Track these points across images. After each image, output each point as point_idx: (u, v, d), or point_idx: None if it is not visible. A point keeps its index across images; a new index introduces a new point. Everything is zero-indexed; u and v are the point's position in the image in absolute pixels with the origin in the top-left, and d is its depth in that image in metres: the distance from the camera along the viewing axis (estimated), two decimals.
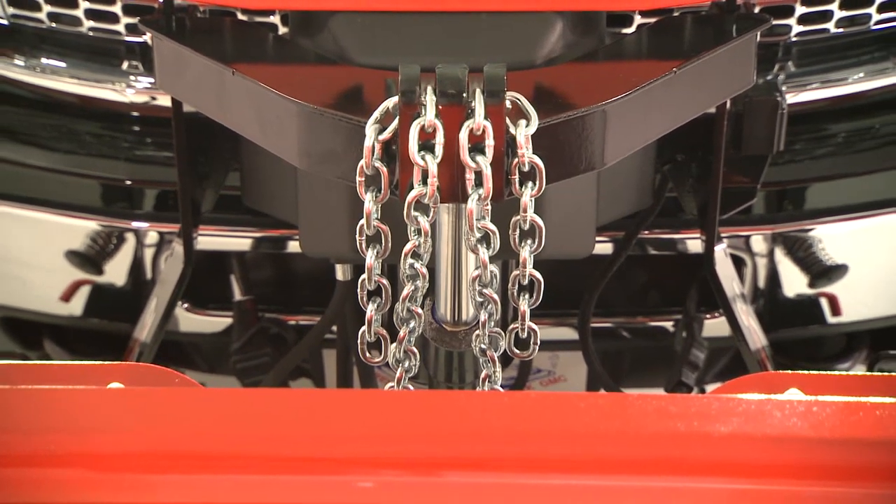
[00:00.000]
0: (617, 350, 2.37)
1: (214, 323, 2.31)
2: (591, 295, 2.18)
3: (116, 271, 2.21)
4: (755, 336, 2.13)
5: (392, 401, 1.45)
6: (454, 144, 1.59)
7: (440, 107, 1.59)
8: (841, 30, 2.09)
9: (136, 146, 2.17)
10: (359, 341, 1.73)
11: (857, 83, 2.13)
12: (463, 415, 1.36)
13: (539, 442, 1.31)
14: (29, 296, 2.27)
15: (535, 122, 1.61)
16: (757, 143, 2.00)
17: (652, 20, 1.96)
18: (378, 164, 1.62)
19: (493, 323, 1.74)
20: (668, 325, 2.31)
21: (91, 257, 2.19)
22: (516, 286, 1.69)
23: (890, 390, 1.52)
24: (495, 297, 1.70)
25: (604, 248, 2.15)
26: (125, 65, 2.13)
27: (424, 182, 1.59)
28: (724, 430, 1.28)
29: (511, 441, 1.31)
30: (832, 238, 2.17)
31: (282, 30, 1.97)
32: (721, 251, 2.12)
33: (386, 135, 1.61)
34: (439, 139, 1.58)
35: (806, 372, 1.66)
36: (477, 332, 1.76)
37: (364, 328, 1.72)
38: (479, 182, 1.60)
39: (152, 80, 2.08)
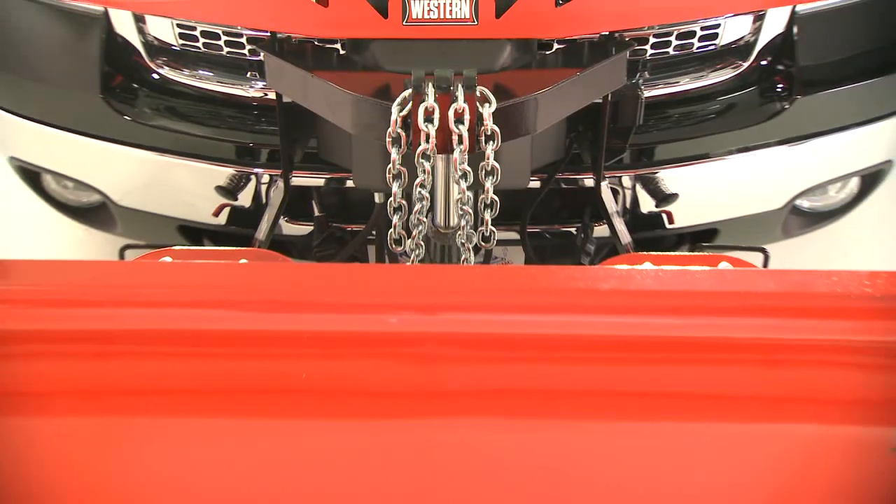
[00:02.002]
0: (542, 245, 2.36)
1: (302, 229, 2.29)
2: (527, 211, 2.17)
3: (245, 198, 2.19)
4: (624, 236, 2.13)
5: (408, 272, 1.45)
6: (446, 118, 1.59)
7: (437, 95, 1.58)
8: (676, 52, 2.07)
9: (255, 123, 2.14)
10: (388, 238, 1.73)
11: (685, 84, 2.10)
12: (451, 280, 1.36)
13: (496, 294, 1.30)
14: (194, 212, 2.26)
15: (494, 105, 1.61)
16: (626, 119, 1.98)
17: (564, 45, 1.94)
18: (399, 130, 1.61)
19: (468, 227, 1.74)
20: (573, 230, 2.30)
21: (230, 189, 2.18)
22: (482, 204, 1.69)
23: (701, 263, 1.53)
24: (470, 211, 1.71)
25: (535, 183, 2.13)
26: (248, 73, 2.10)
27: (427, 141, 1.59)
28: (606, 286, 1.28)
29: (479, 293, 1.31)
30: (669, 178, 2.15)
31: (342, 51, 1.95)
32: (605, 185, 2.11)
33: (404, 112, 1.61)
34: (436, 115, 1.58)
35: (654, 253, 1.67)
36: (459, 232, 1.75)
37: (391, 230, 1.71)
38: (460, 141, 1.60)
39: (264, 82, 2.06)
